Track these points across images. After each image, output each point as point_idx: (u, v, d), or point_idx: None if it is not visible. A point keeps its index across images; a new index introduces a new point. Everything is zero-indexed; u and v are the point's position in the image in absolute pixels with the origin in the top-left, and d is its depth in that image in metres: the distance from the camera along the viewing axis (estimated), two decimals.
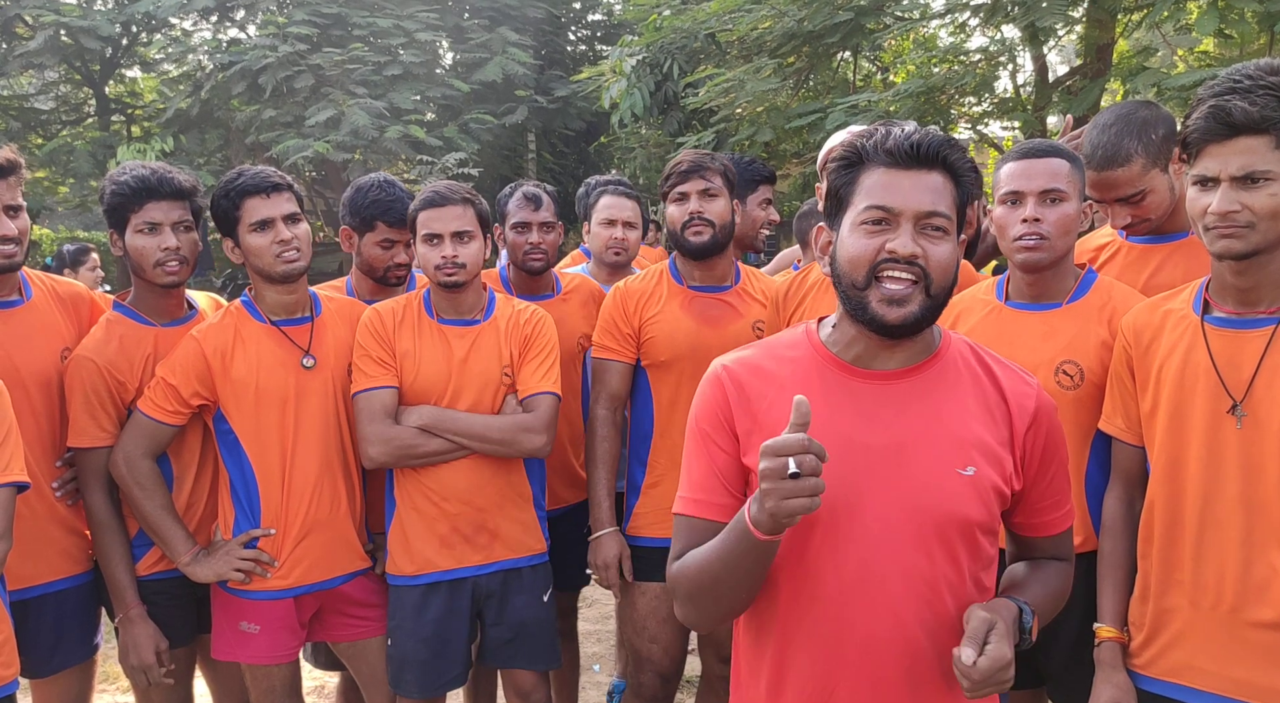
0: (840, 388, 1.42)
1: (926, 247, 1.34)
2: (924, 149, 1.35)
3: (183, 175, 2.48)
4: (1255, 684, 1.67)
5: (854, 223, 1.37)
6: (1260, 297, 1.70)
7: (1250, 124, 1.58)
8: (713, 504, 1.45)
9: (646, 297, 2.66)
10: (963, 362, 1.46)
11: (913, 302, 1.34)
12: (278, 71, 14.73)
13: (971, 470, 1.37)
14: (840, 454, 1.35)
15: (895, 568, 1.36)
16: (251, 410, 2.37)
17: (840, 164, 1.41)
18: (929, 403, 1.40)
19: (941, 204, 1.35)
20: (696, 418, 1.49)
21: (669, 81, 10.90)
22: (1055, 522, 1.52)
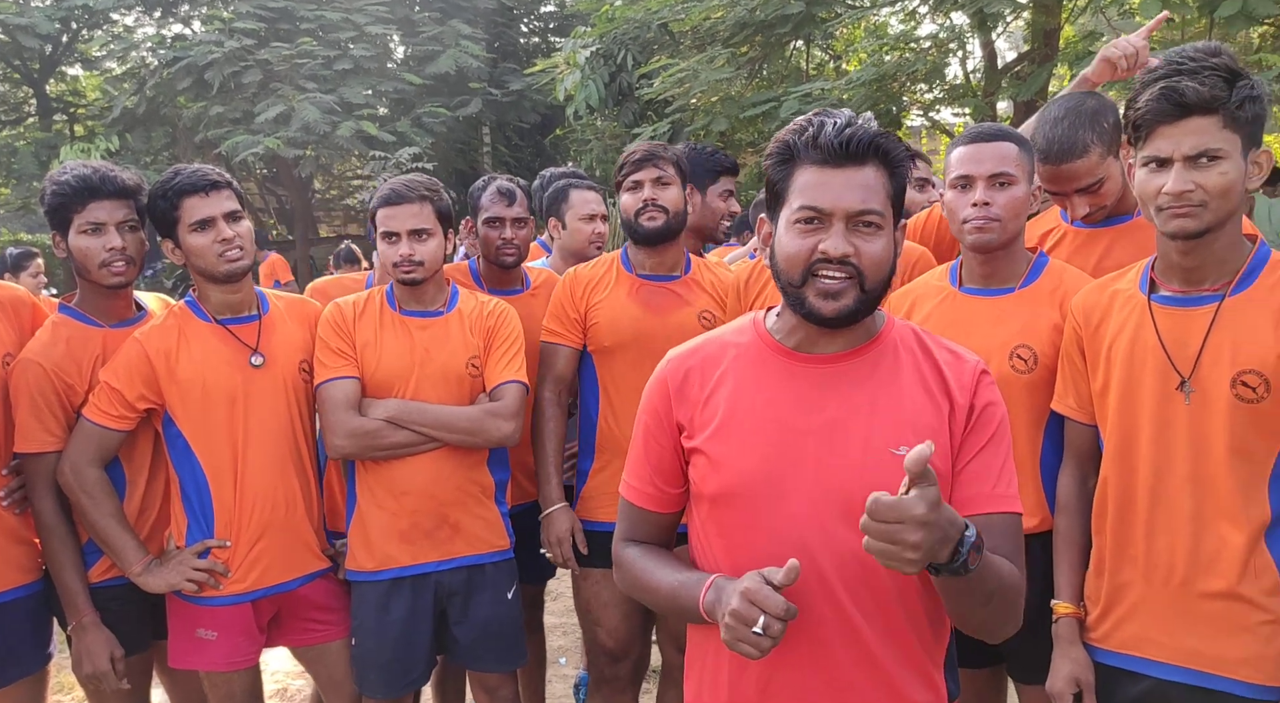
0: (780, 372, 1.46)
1: (859, 244, 1.37)
2: (854, 145, 1.36)
3: (127, 174, 2.43)
4: (1206, 653, 1.71)
5: (789, 221, 1.40)
6: (1205, 274, 1.73)
7: (1201, 104, 1.61)
8: (649, 495, 1.55)
9: (595, 283, 2.69)
10: (903, 345, 1.48)
11: (847, 296, 1.37)
12: (224, 67, 14.49)
13: (904, 449, 1.33)
14: (773, 437, 1.41)
15: (825, 546, 1.38)
16: (199, 412, 2.33)
17: (775, 160, 1.43)
18: (866, 385, 1.43)
19: (873, 201, 1.37)
20: (642, 412, 1.56)
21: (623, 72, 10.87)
22: (992, 499, 1.41)
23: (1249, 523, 1.67)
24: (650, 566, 1.52)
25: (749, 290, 2.71)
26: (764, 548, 1.40)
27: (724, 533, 1.45)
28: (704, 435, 1.46)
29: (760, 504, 1.41)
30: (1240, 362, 1.66)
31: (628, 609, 2.64)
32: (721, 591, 1.36)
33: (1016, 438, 2.02)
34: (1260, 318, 1.67)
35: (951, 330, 2.10)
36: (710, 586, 1.39)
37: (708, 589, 1.39)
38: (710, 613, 1.36)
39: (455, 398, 2.44)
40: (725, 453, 1.44)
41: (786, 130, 1.43)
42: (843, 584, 1.38)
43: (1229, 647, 1.69)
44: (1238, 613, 1.68)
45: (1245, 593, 1.67)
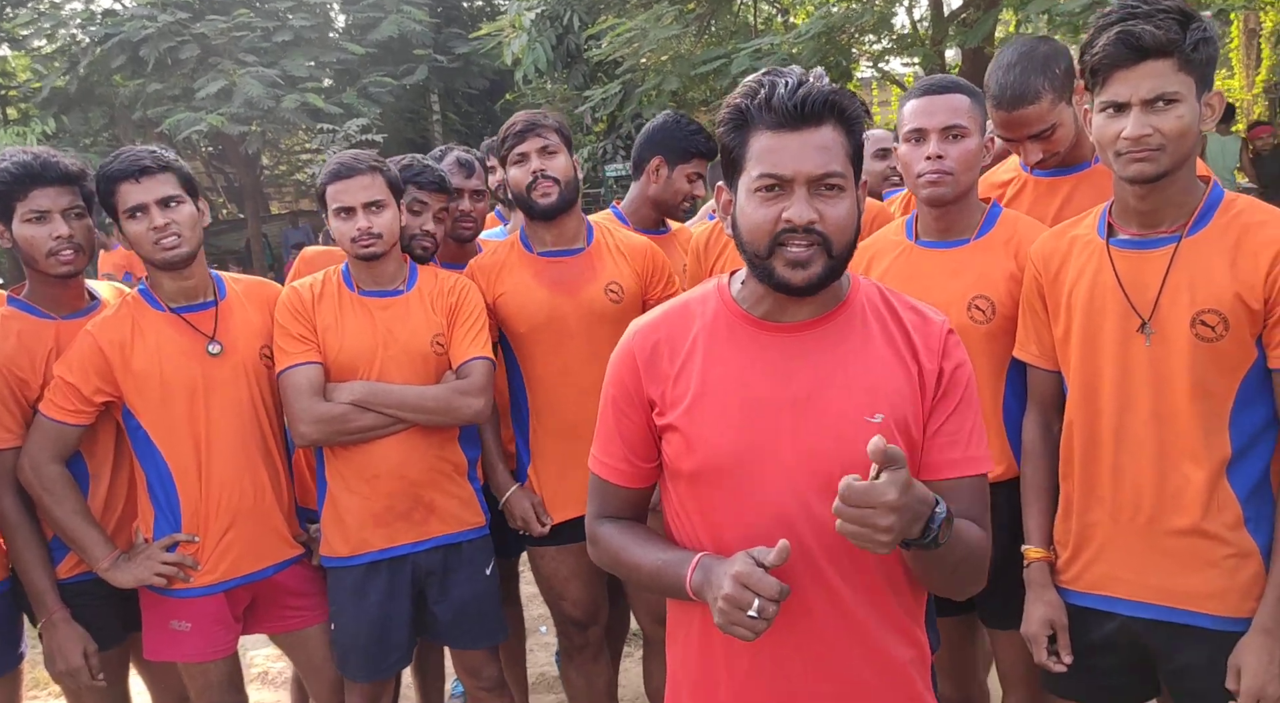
0: (750, 342, 1.44)
1: (823, 209, 1.34)
2: (810, 106, 1.32)
3: (68, 159, 2.36)
4: (1173, 589, 1.75)
5: (749, 190, 1.36)
6: (1161, 217, 1.75)
7: (1157, 47, 1.61)
8: (623, 472, 1.52)
9: (497, 270, 2.62)
10: (870, 307, 1.47)
11: (815, 263, 1.35)
12: (159, 43, 14.07)
13: (879, 418, 1.37)
14: (748, 411, 1.40)
15: (805, 516, 1.38)
16: (158, 403, 2.28)
17: (729, 125, 1.39)
18: (837, 352, 1.42)
19: (834, 162, 1.34)
20: (608, 387, 1.52)
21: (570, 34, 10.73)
22: (956, 464, 1.43)
23: (1211, 460, 1.71)
24: (629, 543, 1.51)
25: (709, 253, 2.70)
26: (745, 522, 1.40)
27: (703, 510, 1.45)
28: (677, 413, 1.44)
29: (739, 480, 1.40)
30: (1199, 302, 1.69)
31: (588, 578, 2.65)
32: (709, 571, 1.35)
33: (979, 388, 2.05)
34: (1216, 258, 1.70)
35: (909, 284, 2.12)
36: (697, 565, 1.38)
37: (694, 569, 1.38)
38: (699, 593, 1.36)
39: (421, 377, 2.41)
40: (700, 430, 1.43)
41: (737, 93, 1.39)
42: (824, 553, 1.39)
43: (1195, 582, 1.73)
44: (1202, 548, 1.72)
45: (1209, 528, 1.71)
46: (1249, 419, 1.71)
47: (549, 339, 2.54)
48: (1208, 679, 1.73)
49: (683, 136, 2.93)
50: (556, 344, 2.53)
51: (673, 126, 2.96)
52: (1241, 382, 1.70)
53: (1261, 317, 1.68)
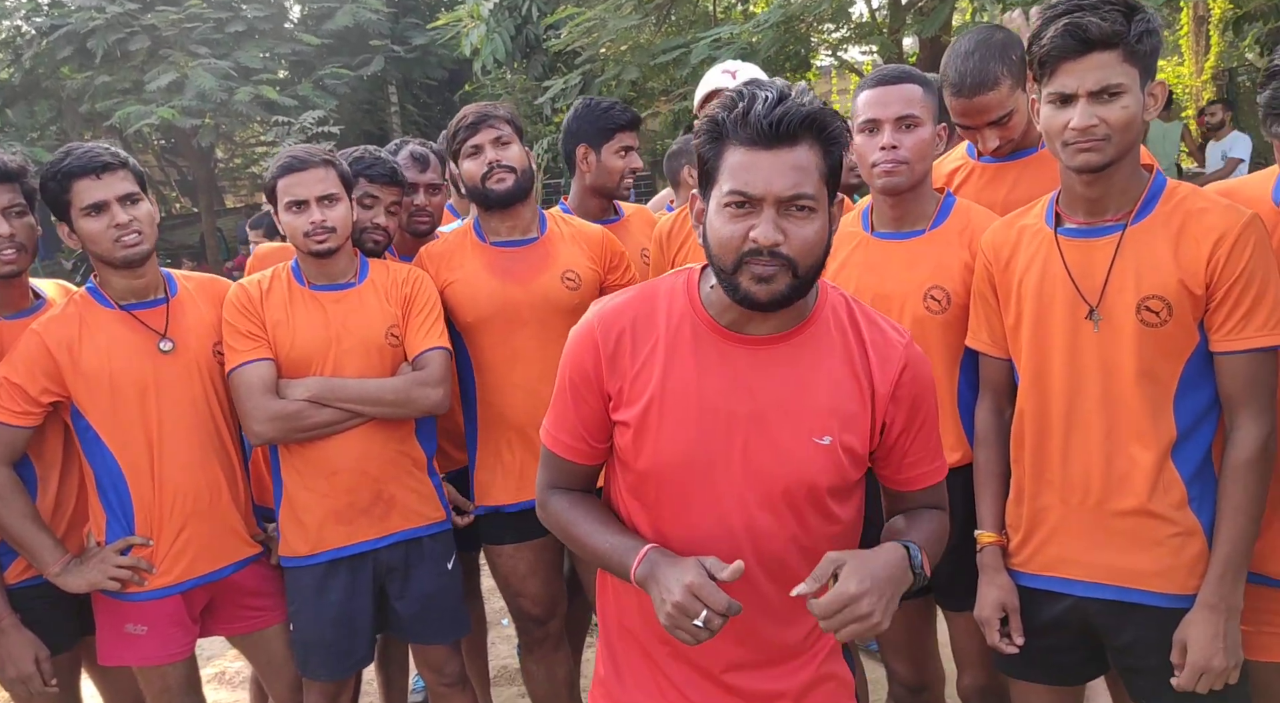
0: (712, 351, 1.45)
1: (790, 229, 1.33)
2: (785, 125, 1.31)
3: (8, 156, 2.31)
4: (1122, 568, 1.79)
5: (719, 204, 1.36)
6: (1107, 205, 1.78)
7: (1103, 39, 1.65)
8: (576, 449, 1.55)
9: (448, 258, 2.60)
10: (835, 323, 1.48)
11: (779, 281, 1.35)
12: (108, 34, 13.77)
13: (828, 440, 1.42)
14: (704, 419, 1.43)
15: (744, 529, 1.44)
16: (108, 403, 2.24)
17: (705, 137, 1.39)
18: (796, 370, 1.44)
19: (806, 184, 1.33)
20: (566, 367, 1.52)
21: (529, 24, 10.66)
22: (927, 475, 1.55)
23: (1158, 442, 1.75)
24: (579, 519, 1.54)
25: (671, 243, 2.70)
26: (687, 526, 1.45)
27: (648, 507, 1.48)
28: (633, 411, 1.46)
29: (686, 486, 1.44)
30: (1144, 288, 1.73)
31: (546, 575, 2.65)
32: (656, 567, 1.37)
33: (938, 380, 2.07)
34: (1160, 245, 1.73)
35: (866, 275, 2.14)
36: (644, 559, 1.40)
37: (640, 561, 1.40)
38: (642, 585, 1.39)
39: (377, 370, 2.39)
40: (654, 433, 1.45)
41: (717, 104, 1.38)
42: (759, 563, 1.45)
43: (1142, 560, 1.77)
44: (1149, 528, 1.76)
45: (1155, 509, 1.75)
46: (1192, 402, 1.75)
47: (498, 329, 2.52)
48: (1154, 655, 1.77)
49: (598, 117, 2.94)
50: (506, 333, 2.52)
51: (585, 112, 2.97)
52: (1185, 365, 1.74)
53: (1203, 302, 1.72)
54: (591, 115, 2.94)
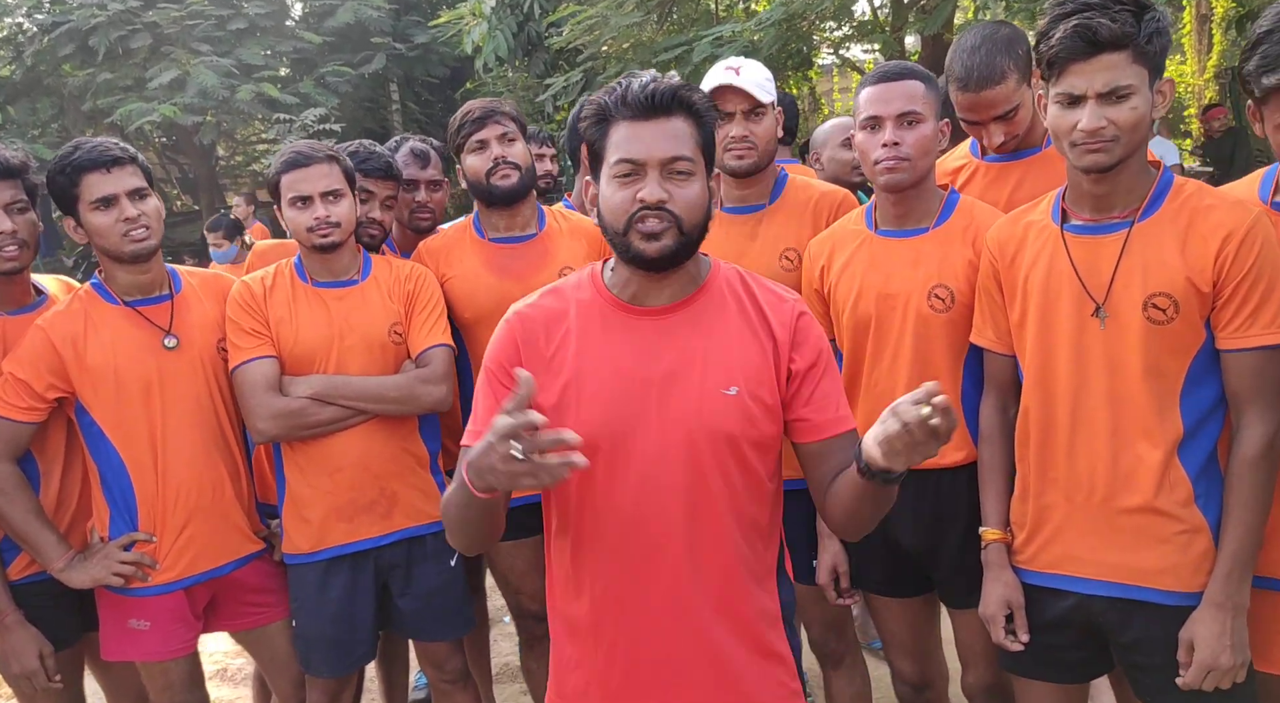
0: (619, 325, 1.58)
1: (673, 190, 1.49)
2: (659, 98, 1.48)
3: (10, 151, 2.31)
4: (1128, 566, 1.79)
5: (609, 176, 1.52)
6: (1114, 203, 1.78)
7: (1113, 40, 1.64)
8: None
9: (446, 253, 2.61)
10: (729, 289, 1.61)
11: (667, 237, 1.49)
12: (110, 31, 13.77)
13: (735, 390, 1.54)
14: (619, 386, 1.55)
15: (671, 484, 1.53)
16: (113, 399, 2.24)
17: (590, 122, 1.54)
18: (697, 332, 1.57)
19: (684, 148, 1.49)
20: (488, 364, 1.63)
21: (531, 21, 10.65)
22: (838, 421, 1.60)
23: (1164, 440, 1.74)
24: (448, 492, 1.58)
25: None
26: (618, 491, 1.54)
27: (580, 481, 1.55)
28: (554, 390, 1.56)
29: (613, 453, 1.53)
30: (1150, 285, 1.72)
31: (544, 571, 2.64)
32: (470, 451, 1.41)
33: (939, 375, 2.07)
34: (1167, 242, 1.73)
35: (870, 273, 2.14)
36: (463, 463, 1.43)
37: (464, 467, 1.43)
38: (479, 476, 1.37)
39: (380, 368, 2.39)
40: (575, 406, 1.55)
41: (598, 94, 1.54)
42: (686, 517, 1.53)
43: (1148, 558, 1.77)
44: (1155, 526, 1.76)
45: (1161, 506, 1.75)
46: (1199, 399, 1.75)
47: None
48: (1159, 653, 1.77)
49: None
50: None
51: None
52: (1191, 363, 1.74)
53: (1210, 299, 1.71)
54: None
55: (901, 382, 2.09)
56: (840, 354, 2.23)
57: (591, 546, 1.58)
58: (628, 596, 1.57)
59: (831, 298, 2.21)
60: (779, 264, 2.37)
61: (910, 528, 2.15)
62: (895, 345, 2.11)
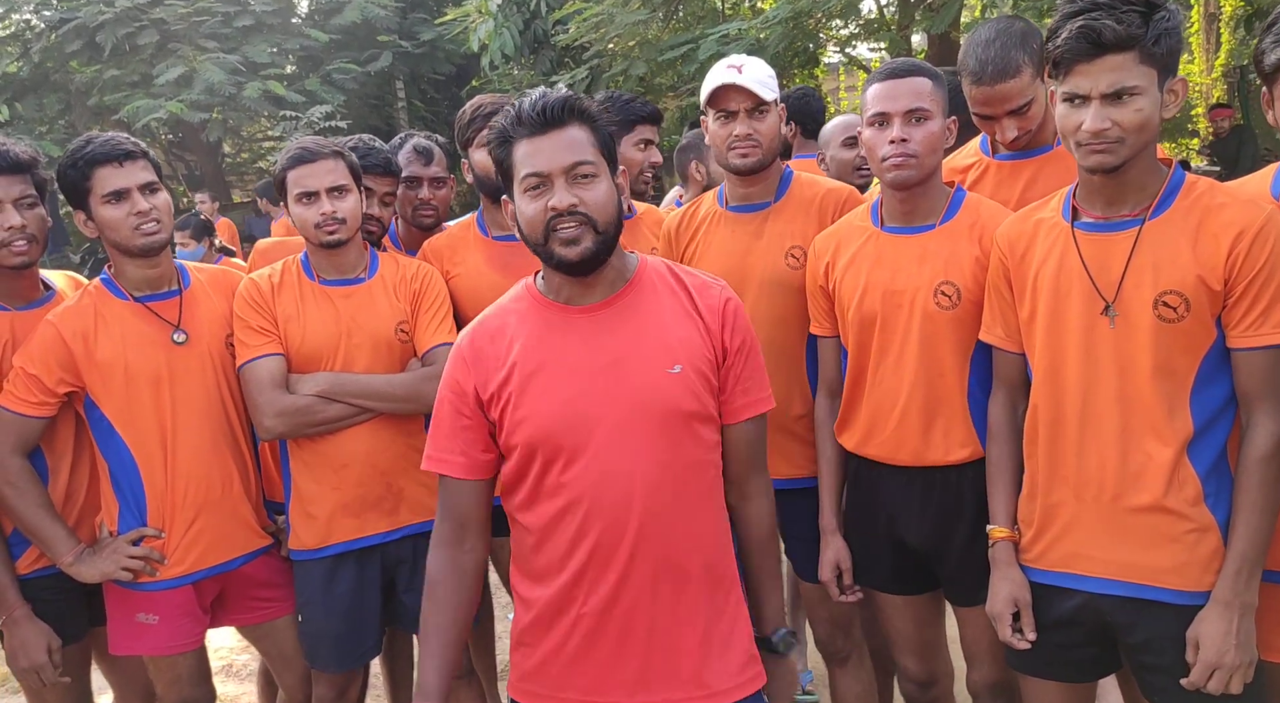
0: (560, 323, 1.68)
1: (581, 194, 1.58)
2: (550, 111, 1.57)
3: (20, 147, 2.32)
4: (1137, 565, 1.78)
5: (520, 191, 1.61)
6: (1125, 201, 1.77)
7: (1118, 42, 1.63)
8: (456, 463, 1.71)
9: (451, 252, 2.61)
10: (659, 280, 1.71)
11: (585, 239, 1.58)
12: (117, 28, 13.77)
13: (678, 369, 1.63)
14: (569, 378, 1.63)
15: (630, 465, 1.61)
16: (122, 393, 2.25)
17: (495, 145, 1.63)
18: (635, 321, 1.66)
19: (584, 153, 1.59)
20: (443, 387, 1.72)
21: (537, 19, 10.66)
22: (758, 402, 1.73)
23: (1173, 438, 1.73)
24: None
25: (680, 238, 2.69)
26: (581, 477, 1.62)
27: (543, 473, 1.64)
28: (507, 394, 1.65)
29: (573, 440, 1.61)
30: (1161, 283, 1.71)
31: None
32: None
33: (945, 372, 2.08)
34: (1179, 239, 1.72)
35: (876, 270, 2.14)
36: None
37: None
38: None
39: (386, 366, 2.39)
40: (530, 403, 1.63)
41: (499, 118, 1.63)
42: (646, 491, 1.61)
43: (1156, 557, 1.76)
44: (1164, 524, 1.75)
45: (1170, 505, 1.74)
46: (1209, 397, 1.74)
47: None
48: (1168, 653, 1.76)
49: (619, 109, 2.93)
50: None
51: (608, 104, 2.95)
52: (1202, 361, 1.73)
53: (1221, 298, 1.70)
54: (614, 108, 2.93)
55: (907, 379, 2.09)
56: (845, 352, 2.24)
57: (556, 532, 1.65)
58: (592, 573, 1.64)
59: (836, 295, 2.21)
60: (785, 262, 2.36)
61: (916, 525, 2.15)
62: (901, 343, 2.10)
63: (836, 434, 2.26)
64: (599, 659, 1.67)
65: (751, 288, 2.33)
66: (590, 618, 1.66)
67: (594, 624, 1.66)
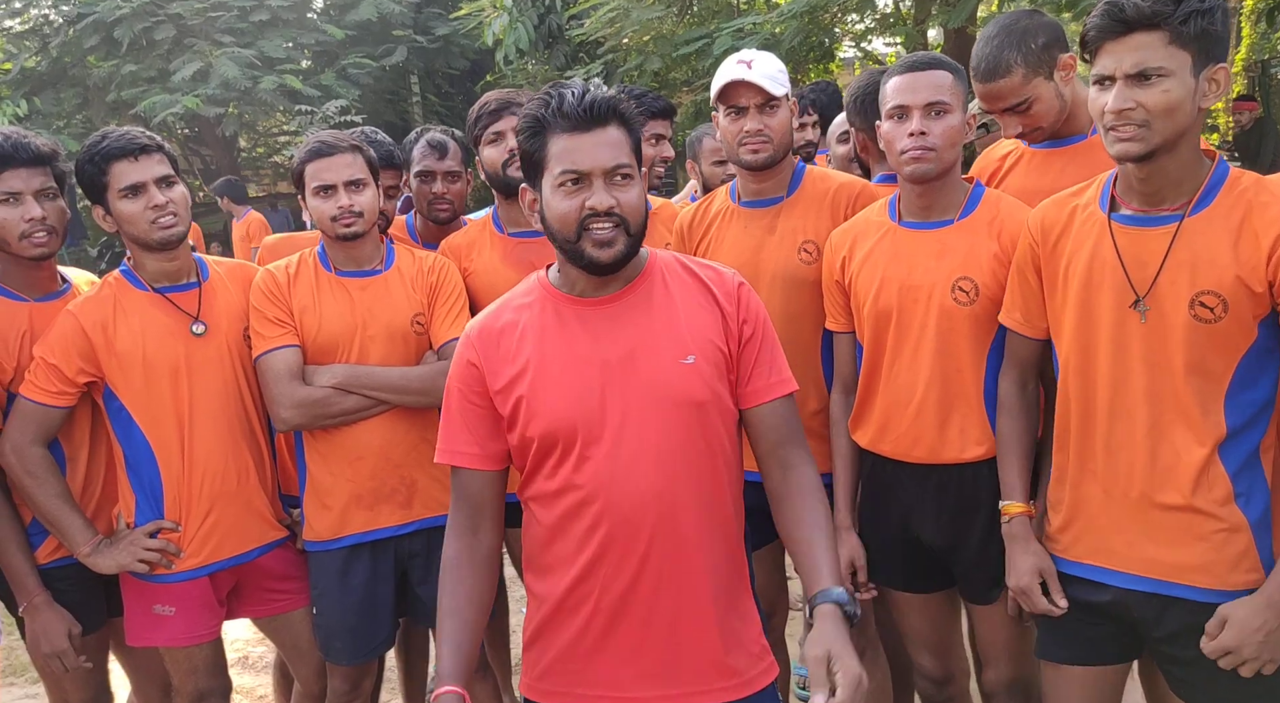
0: (573, 316, 1.66)
1: (619, 196, 1.57)
2: (596, 110, 1.56)
3: (40, 140, 2.34)
4: (1164, 562, 1.75)
5: (553, 186, 1.58)
6: (1163, 195, 1.72)
7: (1142, 19, 1.60)
8: (468, 455, 1.70)
9: (467, 248, 2.62)
10: (670, 272, 1.71)
11: (618, 243, 1.58)
12: (134, 23, 13.84)
13: (691, 359, 1.63)
14: (583, 371, 1.62)
15: (645, 457, 1.60)
16: (141, 384, 2.26)
17: (527, 133, 1.60)
18: (648, 312, 1.66)
19: (622, 156, 1.58)
20: (452, 379, 1.71)
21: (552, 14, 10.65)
22: (781, 384, 1.70)
23: (1206, 438, 1.70)
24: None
25: (693, 233, 2.69)
26: (598, 472, 1.60)
27: (558, 465, 1.63)
28: (520, 388, 1.64)
29: (588, 433, 1.60)
30: (1199, 282, 1.67)
31: None
32: None
33: (961, 369, 2.06)
34: (1219, 238, 1.67)
35: (894, 265, 2.12)
36: None
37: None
38: None
39: (401, 358, 2.39)
40: (543, 396, 1.62)
41: (532, 105, 1.60)
42: (662, 484, 1.60)
43: (1185, 555, 1.73)
44: (1193, 523, 1.72)
45: (1199, 505, 1.71)
46: (1247, 399, 1.70)
47: None
48: (1194, 648, 1.73)
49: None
50: None
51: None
52: (1240, 362, 1.69)
53: (1266, 300, 1.65)
54: None
55: (923, 375, 2.08)
56: (860, 347, 2.22)
57: (571, 525, 1.64)
58: (608, 565, 1.62)
59: (852, 290, 2.20)
60: (798, 257, 2.36)
61: (931, 523, 2.14)
62: (917, 338, 2.09)
63: (851, 431, 2.25)
64: (618, 653, 1.65)
65: (764, 283, 2.32)
66: (608, 611, 1.64)
67: (611, 617, 1.64)
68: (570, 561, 1.65)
